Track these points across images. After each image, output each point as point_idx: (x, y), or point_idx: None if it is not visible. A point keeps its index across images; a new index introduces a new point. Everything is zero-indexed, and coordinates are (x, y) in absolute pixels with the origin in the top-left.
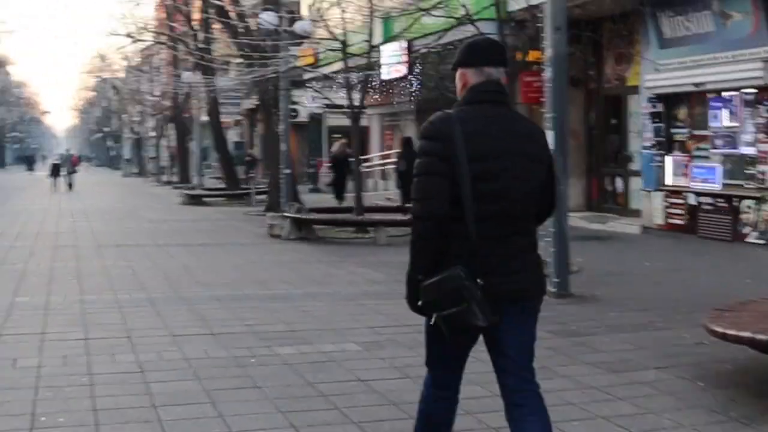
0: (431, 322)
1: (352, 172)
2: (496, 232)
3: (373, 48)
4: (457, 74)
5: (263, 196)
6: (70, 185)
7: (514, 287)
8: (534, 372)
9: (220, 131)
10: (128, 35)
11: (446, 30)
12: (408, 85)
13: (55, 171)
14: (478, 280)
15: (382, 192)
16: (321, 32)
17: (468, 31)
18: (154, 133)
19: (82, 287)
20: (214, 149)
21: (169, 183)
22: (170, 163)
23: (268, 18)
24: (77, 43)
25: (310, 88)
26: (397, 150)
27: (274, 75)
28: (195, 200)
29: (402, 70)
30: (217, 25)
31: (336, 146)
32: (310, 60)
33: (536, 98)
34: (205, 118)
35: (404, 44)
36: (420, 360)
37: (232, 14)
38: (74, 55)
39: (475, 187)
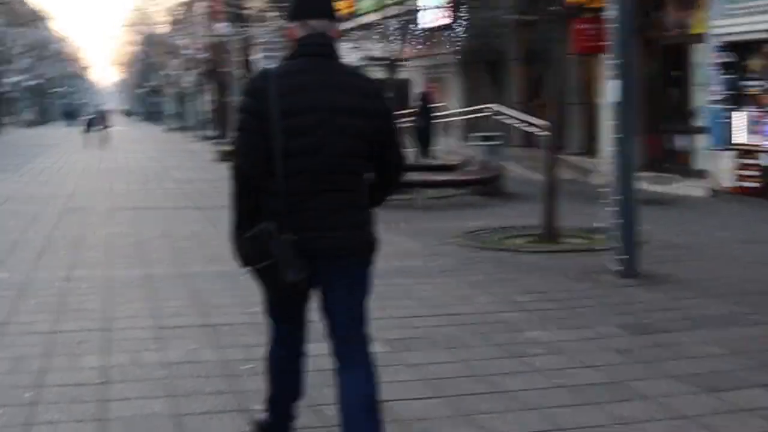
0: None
1: None
2: (309, 187)
3: None
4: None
5: None
6: (102, 141)
7: (329, 244)
8: (364, 339)
9: None
10: None
11: None
12: (452, 35)
13: (89, 126)
14: (291, 236)
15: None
16: None
17: None
18: (195, 88)
19: (75, 261)
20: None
21: (208, 138)
22: (211, 118)
23: None
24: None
25: (348, 39)
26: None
27: None
28: (228, 157)
29: (445, 17)
30: None
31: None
32: (348, 9)
33: (590, 47)
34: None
35: None
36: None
37: None
38: (115, 9)
39: (287, 143)
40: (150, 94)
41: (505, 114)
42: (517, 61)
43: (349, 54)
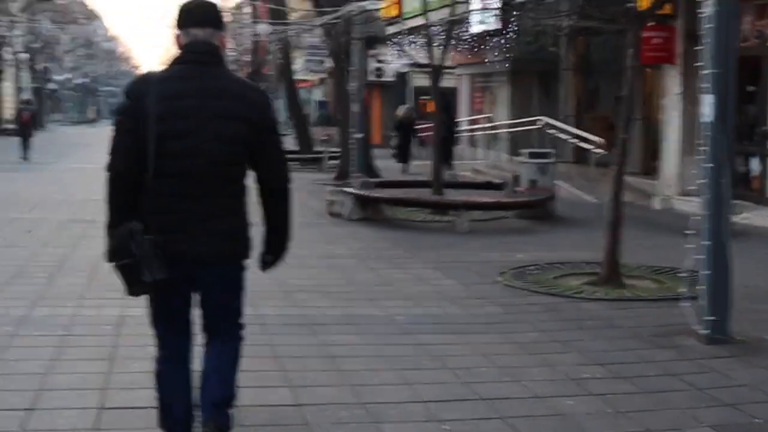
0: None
1: (416, 137)
2: (179, 191)
3: None
4: None
5: (337, 162)
6: None
7: (200, 249)
8: (238, 328)
9: (293, 87)
10: None
11: None
12: (502, 41)
13: None
14: (154, 237)
15: (468, 162)
16: None
17: None
18: None
19: (47, 290)
20: (286, 108)
21: None
22: None
23: None
24: None
25: (394, 44)
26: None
27: (344, 18)
28: None
29: (495, 22)
30: None
31: (401, 110)
32: (394, 11)
33: (657, 57)
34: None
35: None
36: None
37: None
38: (165, 9)
39: (160, 145)
40: None
41: (556, 128)
42: (571, 71)
43: (393, 59)
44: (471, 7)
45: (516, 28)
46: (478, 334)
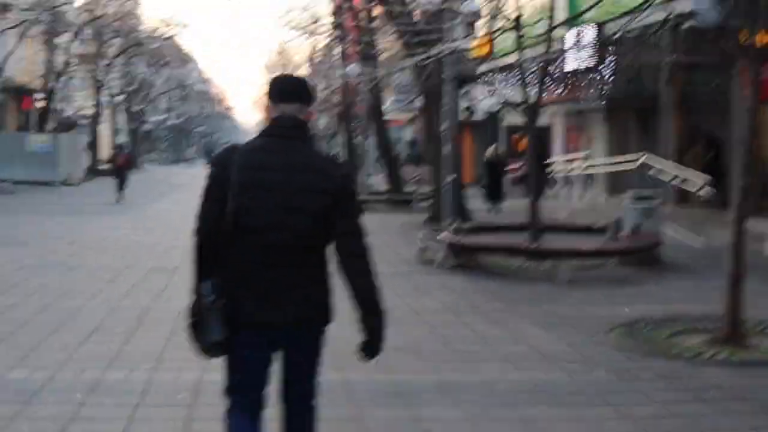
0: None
1: (505, 176)
2: (262, 259)
3: (553, 30)
4: None
5: (428, 202)
6: None
7: (281, 316)
8: (312, 393)
9: (382, 127)
10: (301, 28)
11: (643, 9)
12: (597, 78)
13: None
14: (220, 301)
15: (565, 202)
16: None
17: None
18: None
19: (123, 350)
20: (376, 147)
21: None
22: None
23: None
24: (258, 38)
25: (485, 82)
26: None
27: (435, 58)
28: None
29: (590, 59)
30: (380, 11)
31: (489, 150)
32: (485, 50)
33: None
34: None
35: (593, 28)
36: None
37: None
38: (257, 51)
39: (243, 215)
40: None
41: (657, 166)
42: (672, 108)
43: (484, 98)
44: (566, 45)
45: (613, 65)
46: (587, 406)
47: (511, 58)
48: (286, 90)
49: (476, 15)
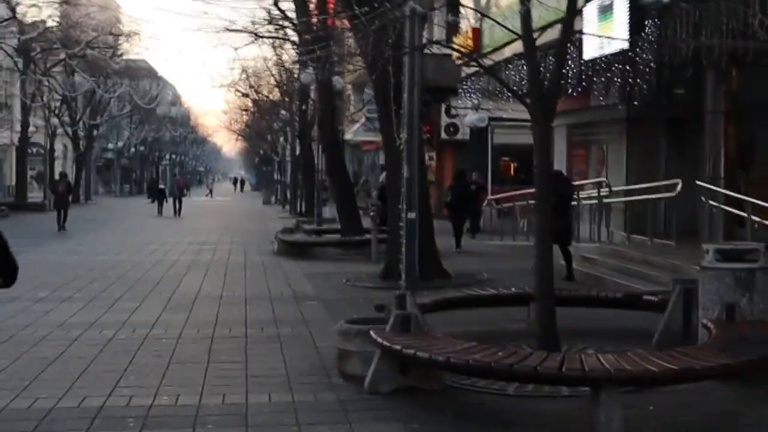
0: None
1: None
2: None
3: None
4: None
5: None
6: (177, 211)
7: None
8: None
9: (335, 140)
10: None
11: None
12: (626, 71)
13: (159, 196)
14: None
15: (583, 245)
16: None
17: None
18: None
19: None
20: (325, 171)
21: (301, 214)
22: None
23: None
24: (230, 61)
25: (468, 90)
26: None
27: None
28: (295, 250)
29: (616, 42)
30: None
31: (383, 176)
32: (467, 47)
33: None
34: (348, 136)
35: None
36: None
37: None
38: (226, 73)
39: None
40: (263, 161)
41: (707, 192)
42: (722, 116)
43: (469, 112)
44: (585, 22)
45: (647, 52)
46: None
47: (506, 52)
48: None
49: None
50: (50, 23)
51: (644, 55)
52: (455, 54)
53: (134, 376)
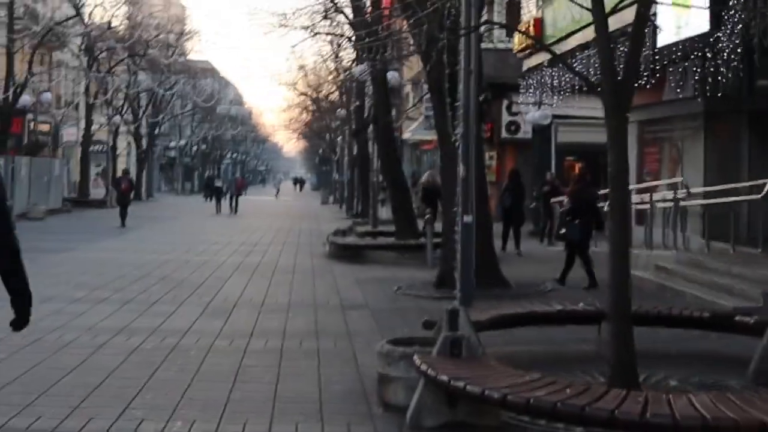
0: None
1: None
2: None
3: None
4: None
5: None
6: (233, 209)
7: None
8: None
9: (390, 137)
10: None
11: None
12: (704, 60)
13: (216, 194)
14: None
15: (642, 252)
16: None
17: None
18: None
19: None
20: (380, 171)
21: (357, 215)
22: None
23: None
24: (288, 60)
25: (529, 85)
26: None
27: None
28: (347, 253)
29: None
30: None
31: (425, 175)
32: (527, 41)
33: None
34: (406, 135)
35: None
36: None
37: None
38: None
39: None
40: (321, 161)
41: None
42: None
43: (531, 109)
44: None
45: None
46: None
47: (571, 43)
48: None
49: None
50: (115, 23)
51: (728, 38)
52: (516, 45)
53: (151, 394)
